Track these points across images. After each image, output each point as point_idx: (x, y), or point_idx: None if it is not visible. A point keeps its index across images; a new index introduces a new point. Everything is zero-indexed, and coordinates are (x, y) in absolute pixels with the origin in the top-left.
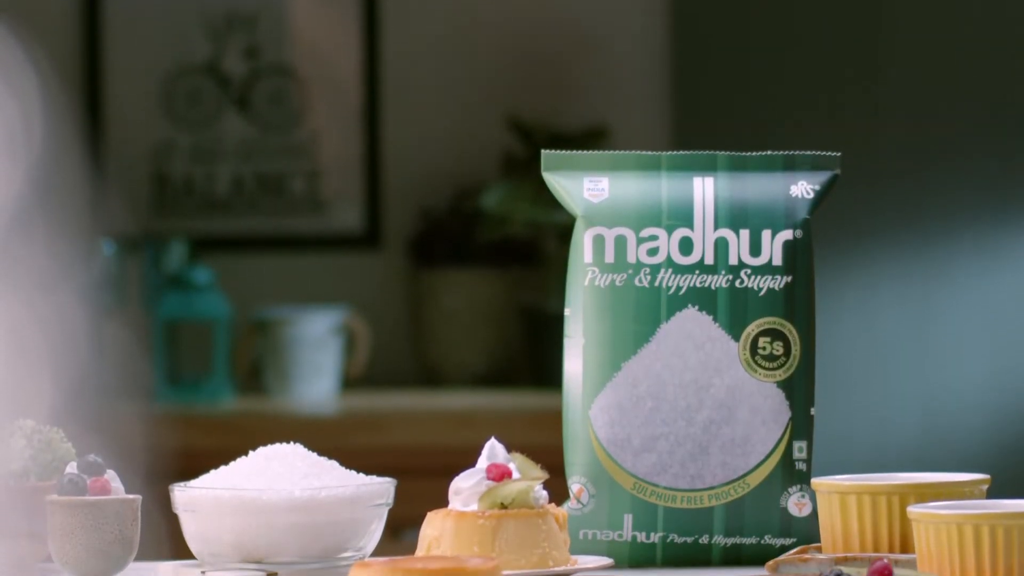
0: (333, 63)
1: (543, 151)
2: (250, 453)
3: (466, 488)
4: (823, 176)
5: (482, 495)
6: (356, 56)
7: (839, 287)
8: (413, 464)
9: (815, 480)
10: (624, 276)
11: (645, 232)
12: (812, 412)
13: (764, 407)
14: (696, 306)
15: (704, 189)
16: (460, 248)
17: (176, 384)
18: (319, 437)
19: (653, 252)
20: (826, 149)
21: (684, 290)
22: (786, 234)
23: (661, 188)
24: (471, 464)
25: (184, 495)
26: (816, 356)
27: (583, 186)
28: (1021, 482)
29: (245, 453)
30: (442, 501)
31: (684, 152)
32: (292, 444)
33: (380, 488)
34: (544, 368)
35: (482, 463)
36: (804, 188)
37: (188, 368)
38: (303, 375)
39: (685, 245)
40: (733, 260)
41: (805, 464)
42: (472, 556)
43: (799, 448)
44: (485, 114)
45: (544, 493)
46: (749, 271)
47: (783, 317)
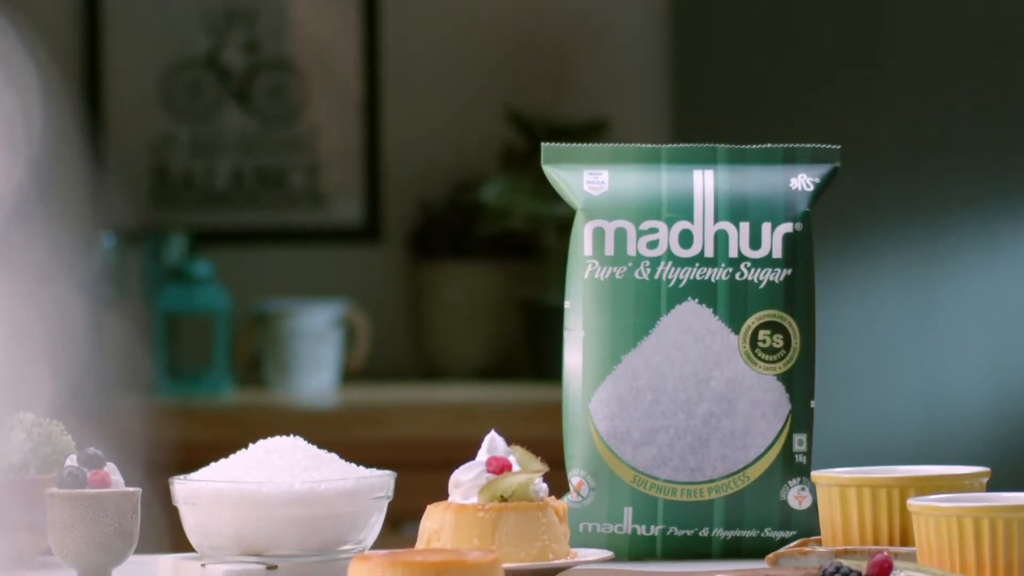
0: (333, 57)
1: (543, 144)
2: (250, 446)
3: (466, 481)
4: (823, 169)
5: (482, 488)
6: (356, 50)
7: (839, 280)
8: (413, 457)
9: (815, 473)
10: (624, 269)
11: (645, 225)
12: (812, 405)
13: (764, 400)
14: (696, 299)
15: (704, 182)
16: (460, 241)
17: (176, 377)
18: (319, 430)
19: (653, 245)
20: (826, 142)
21: (684, 283)
22: (786, 227)
23: (661, 181)
24: (471, 457)
25: (184, 488)
26: (816, 349)
27: (583, 179)
28: (1021, 475)
29: (245, 446)
30: (442, 494)
31: (684, 145)
32: (292, 437)
33: (380, 481)
34: (544, 361)
35: (482, 456)
36: (804, 181)
37: (188, 361)
38: (303, 368)
39: (685, 238)
40: (733, 253)
41: (805, 457)
42: (472, 549)
43: (799, 441)
44: (485, 107)
45: (544, 486)
46: (749, 264)
47: (783, 310)
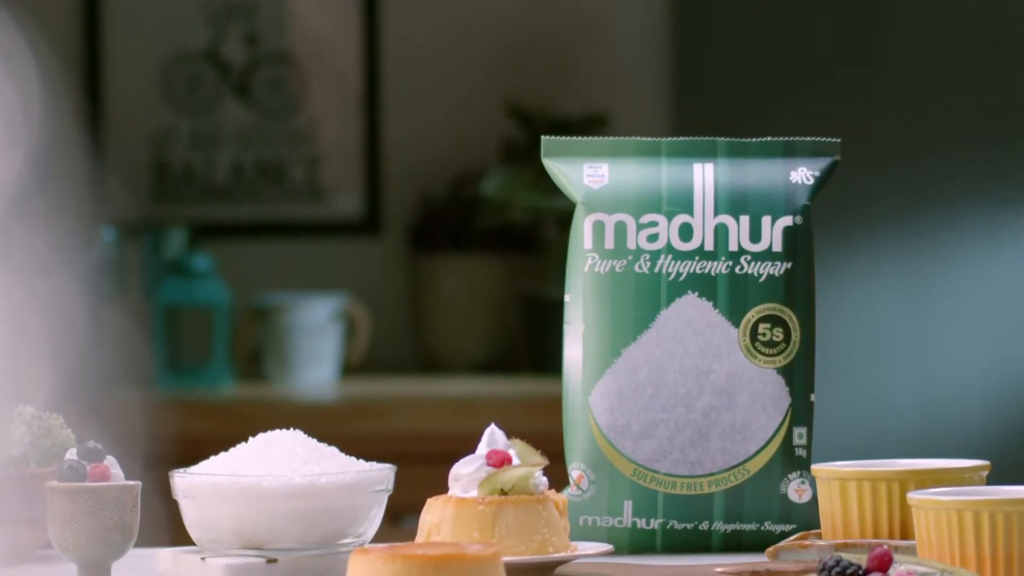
0: (333, 50)
1: (543, 137)
2: (250, 439)
3: (466, 474)
4: (823, 162)
5: (482, 481)
6: (356, 43)
7: (839, 273)
8: (413, 450)
9: (815, 466)
10: (624, 262)
11: (645, 218)
12: (812, 398)
13: (764, 393)
14: (696, 292)
15: (704, 175)
16: (460, 234)
17: (176, 370)
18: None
19: (653, 238)
20: (826, 135)
21: (684, 276)
22: (786, 220)
23: (661, 174)
24: (471, 450)
25: (184, 481)
26: (816, 342)
27: (583, 172)
28: (1021, 468)
29: (245, 439)
30: (442, 487)
31: (684, 138)
32: (292, 430)
33: (380, 474)
34: (544, 354)
35: (482, 449)
36: (804, 174)
37: (188, 354)
38: (303, 361)
39: (685, 231)
40: (733, 246)
41: (805, 450)
42: (472, 542)
43: (799, 434)
44: (485, 100)
45: (544, 479)
46: (749, 257)
47: (783, 303)
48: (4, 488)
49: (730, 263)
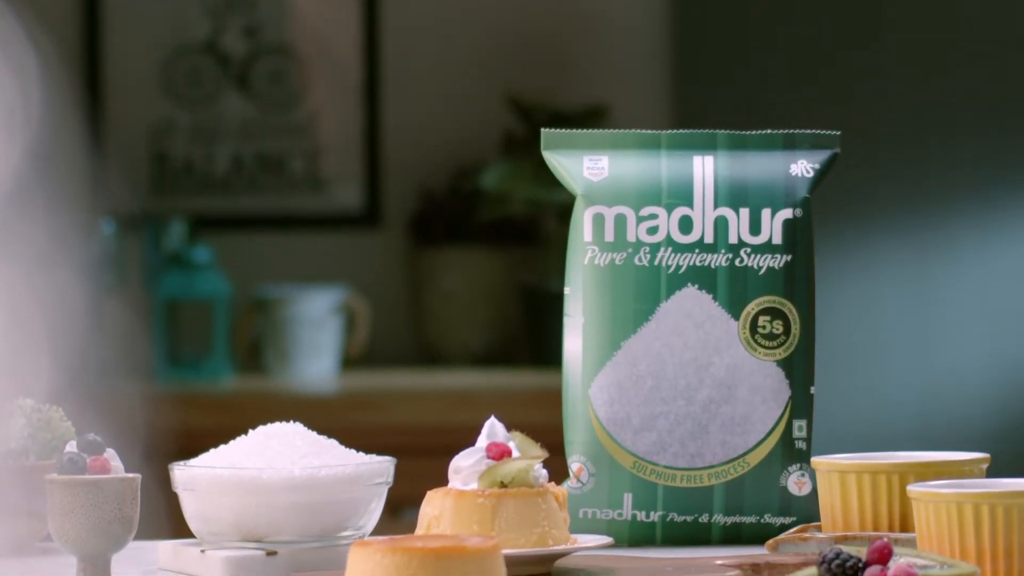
0: (333, 42)
1: (543, 130)
2: (250, 432)
3: (466, 467)
4: (823, 155)
5: (482, 474)
6: (356, 35)
7: (839, 266)
8: (413, 443)
9: (815, 459)
10: (624, 255)
11: (645, 211)
12: (812, 391)
13: (764, 386)
14: (696, 285)
15: (704, 168)
16: (460, 227)
17: (176, 363)
18: (319, 416)
19: (653, 231)
20: (826, 128)
21: (684, 269)
22: (786, 213)
23: (661, 167)
24: (471, 443)
25: (184, 474)
26: (816, 335)
27: (583, 165)
28: (1021, 461)
29: (245, 432)
30: (442, 480)
31: (684, 131)
32: (292, 423)
33: (380, 467)
34: (544, 347)
35: (482, 442)
36: (804, 167)
37: (188, 347)
38: (303, 354)
39: (685, 224)
40: (733, 239)
41: (805, 443)
42: (472, 535)
43: (799, 427)
44: (485, 93)
45: (544, 472)
46: (749, 250)
47: (783, 296)
48: (4, 481)
49: (730, 256)
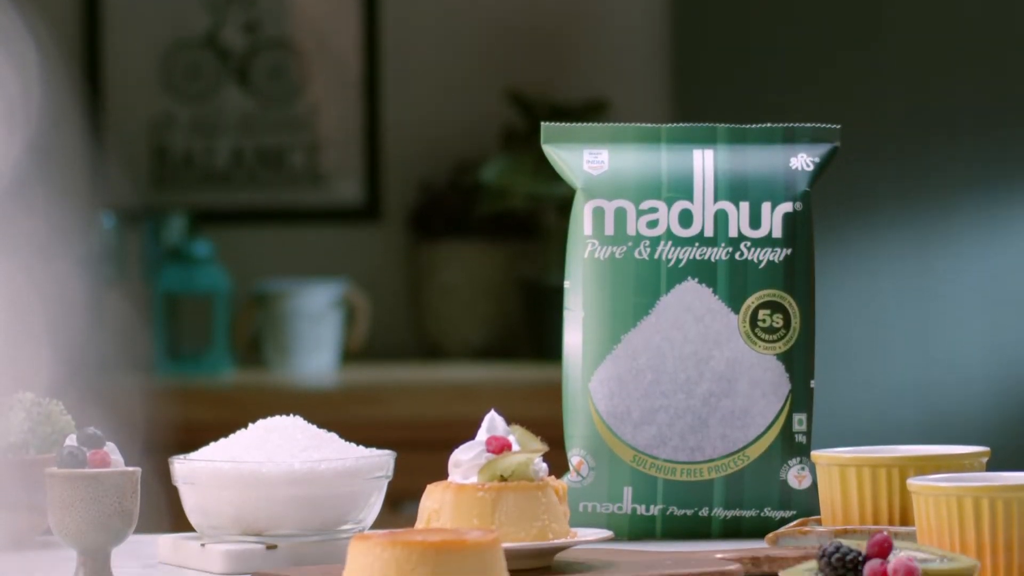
0: (333, 36)
1: (543, 123)
2: (250, 426)
3: (466, 461)
4: (823, 148)
5: (482, 468)
6: (356, 29)
7: (839, 259)
8: (413, 437)
9: (815, 452)
10: (624, 248)
11: (645, 204)
12: (812, 384)
13: (764, 379)
14: (696, 278)
15: (704, 161)
16: (460, 221)
17: (176, 357)
18: (319, 410)
19: (653, 224)
20: (826, 121)
21: (684, 262)
22: (786, 206)
23: (661, 160)
24: (471, 437)
25: (184, 467)
26: (816, 328)
27: (583, 158)
28: (1021, 454)
29: (245, 426)
30: (442, 474)
31: (684, 124)
32: (292, 417)
33: (379, 461)
34: (544, 341)
35: (482, 436)
36: (804, 160)
37: (188, 341)
38: (303, 348)
39: (685, 217)
40: (733, 232)
41: (805, 436)
42: (472, 529)
43: (799, 420)
44: (485, 87)
45: (544, 466)
46: (749, 243)
47: (783, 289)
48: (4, 474)
49: (730, 249)
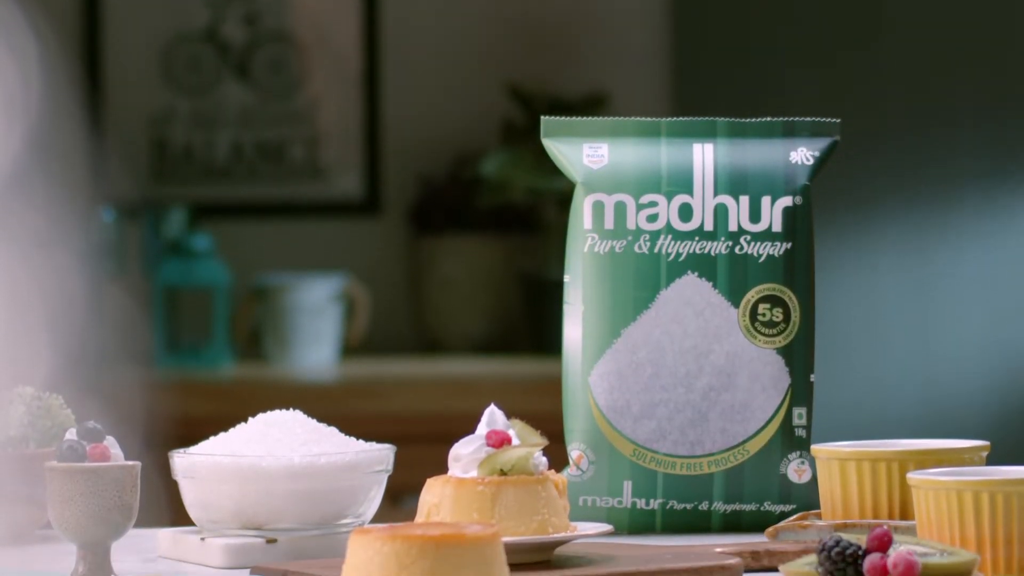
0: (333, 30)
1: (543, 117)
2: (249, 420)
3: (465, 455)
4: (823, 142)
5: (481, 462)
6: (356, 23)
7: (839, 253)
8: (412, 431)
9: (815, 447)
10: (624, 243)
11: (645, 198)
12: (812, 378)
13: (764, 374)
14: (696, 272)
15: (704, 155)
16: (460, 215)
17: (175, 351)
18: (318, 404)
19: (653, 218)
20: (826, 116)
21: (684, 256)
22: (786, 200)
23: (661, 154)
24: (470, 431)
25: (183, 461)
26: (816, 323)
27: (583, 152)
28: (1021, 449)
29: (244, 420)
30: (441, 468)
31: (684, 119)
32: (291, 411)
33: (379, 455)
34: (544, 335)
35: (481, 430)
36: (804, 154)
37: (187, 335)
38: (302, 342)
39: (685, 211)
40: (733, 226)
41: (805, 431)
42: (471, 523)
43: (799, 415)
44: (485, 81)
45: (544, 460)
46: (749, 237)
47: (783, 283)
48: (3, 468)
49: (730, 243)
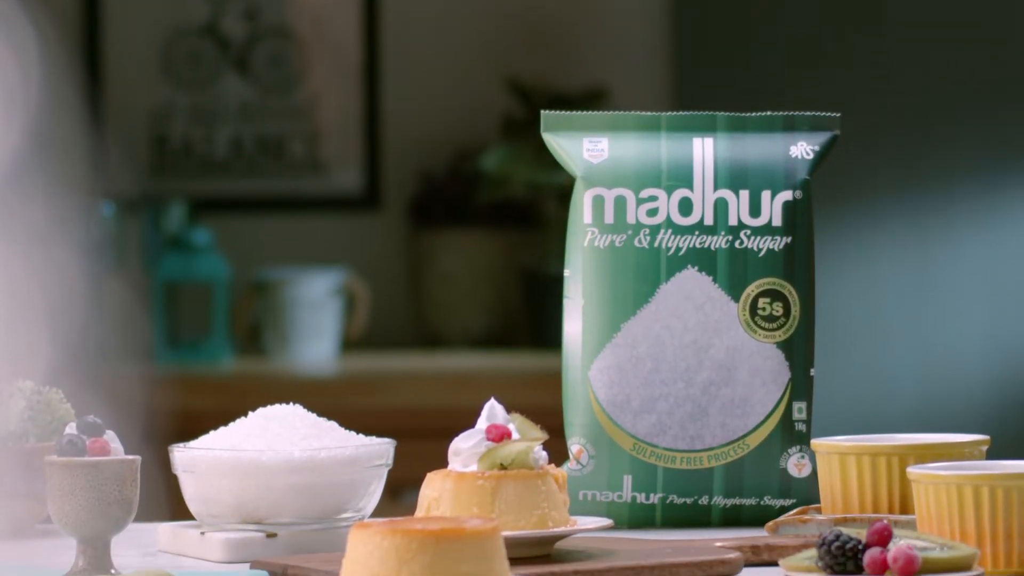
0: (332, 24)
1: (542, 112)
2: (249, 414)
3: (465, 449)
4: (823, 137)
5: (481, 456)
6: (355, 17)
7: (839, 248)
8: (412, 425)
9: (815, 441)
10: (624, 237)
11: (645, 193)
12: (812, 373)
13: (764, 368)
14: (696, 267)
15: (704, 150)
16: (460, 210)
17: (175, 345)
18: (318, 398)
19: (653, 213)
20: (826, 110)
21: (684, 251)
22: (786, 195)
23: (661, 149)
24: (470, 425)
25: (183, 456)
26: (816, 317)
27: (583, 147)
28: (1021, 443)
29: (244, 414)
30: (441, 462)
31: (684, 113)
32: (291, 405)
33: (379, 449)
34: (543, 329)
35: (481, 424)
36: (804, 149)
37: (187, 329)
38: (302, 336)
39: (685, 206)
40: (733, 221)
41: (805, 425)
42: (471, 517)
43: (799, 409)
44: (484, 75)
45: (544, 454)
46: (749, 232)
47: (783, 278)
48: (3, 462)
49: (730, 238)
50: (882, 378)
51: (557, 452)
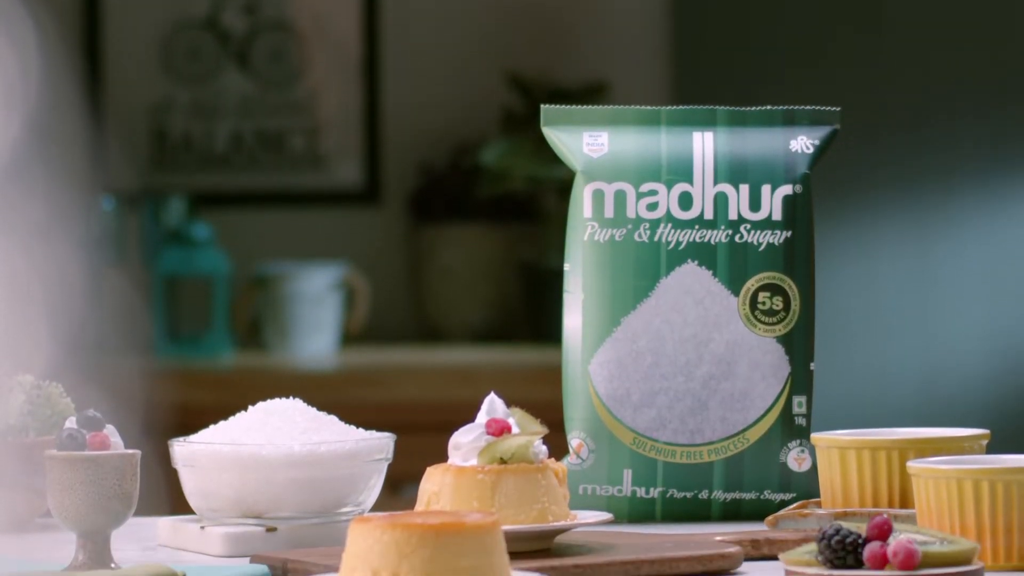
0: (333, 19)
1: (542, 106)
2: (249, 408)
3: (465, 443)
4: (823, 131)
5: (481, 450)
6: (356, 12)
7: (839, 242)
8: (412, 419)
9: (815, 435)
10: (624, 231)
11: (645, 187)
12: (812, 367)
13: (764, 362)
14: (696, 261)
15: (704, 144)
16: (460, 204)
17: (175, 339)
18: (318, 392)
19: (653, 207)
20: (826, 104)
21: (684, 245)
22: (786, 189)
23: (661, 143)
24: (470, 419)
25: (183, 450)
26: (816, 311)
27: (583, 141)
28: (1021, 437)
29: (244, 408)
30: (441, 456)
31: (684, 107)
32: (291, 399)
33: (379, 443)
34: (543, 323)
35: (481, 418)
36: (804, 143)
37: (187, 323)
38: (302, 331)
39: (685, 200)
40: (733, 215)
41: (805, 419)
42: (471, 511)
43: (799, 403)
44: (485, 70)
45: (543, 448)
46: (749, 226)
47: (783, 272)
48: (3, 456)
49: (730, 232)
50: (882, 372)
51: (557, 446)
